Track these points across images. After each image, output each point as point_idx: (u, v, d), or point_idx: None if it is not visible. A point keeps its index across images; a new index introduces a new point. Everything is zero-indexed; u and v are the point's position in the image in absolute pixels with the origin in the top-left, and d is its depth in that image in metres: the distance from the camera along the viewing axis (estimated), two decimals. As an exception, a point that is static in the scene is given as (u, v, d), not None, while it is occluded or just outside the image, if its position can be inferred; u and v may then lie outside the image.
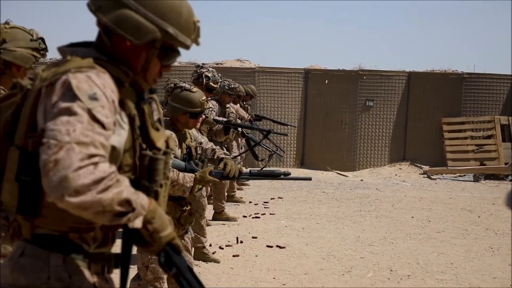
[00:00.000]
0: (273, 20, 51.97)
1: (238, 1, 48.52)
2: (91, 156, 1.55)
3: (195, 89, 4.23)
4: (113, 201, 1.56)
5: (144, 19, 1.76)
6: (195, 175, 3.80)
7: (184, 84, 4.29)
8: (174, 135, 3.98)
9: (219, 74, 7.03)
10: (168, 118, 4.12)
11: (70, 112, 1.59)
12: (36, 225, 1.76)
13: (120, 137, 1.74)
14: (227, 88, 7.91)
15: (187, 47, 1.88)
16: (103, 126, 1.61)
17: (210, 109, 6.99)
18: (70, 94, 1.62)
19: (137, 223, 1.66)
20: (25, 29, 3.23)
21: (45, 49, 3.24)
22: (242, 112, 8.77)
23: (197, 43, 1.90)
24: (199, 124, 4.42)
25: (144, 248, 1.78)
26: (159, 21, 1.78)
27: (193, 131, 4.34)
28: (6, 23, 3.18)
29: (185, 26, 1.84)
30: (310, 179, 4.25)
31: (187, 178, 3.77)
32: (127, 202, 1.59)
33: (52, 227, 1.75)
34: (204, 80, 6.58)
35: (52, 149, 1.53)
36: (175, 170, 3.74)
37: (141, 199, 1.66)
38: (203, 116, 4.73)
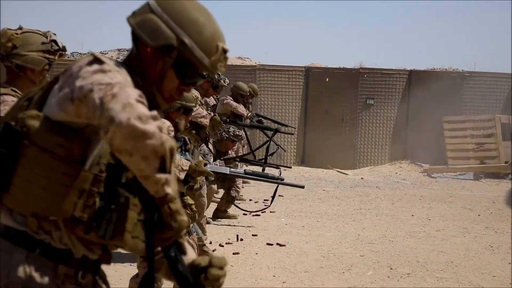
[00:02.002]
0: (274, 18, 51.99)
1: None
2: (141, 96, 1.57)
3: None
4: (167, 141, 1.53)
5: (164, 25, 1.80)
6: (191, 163, 3.83)
7: None
8: (169, 123, 3.98)
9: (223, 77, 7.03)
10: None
11: (103, 70, 1.61)
12: (2, 203, 1.74)
13: None
14: (223, 83, 7.94)
15: (204, 65, 1.85)
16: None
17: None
18: (97, 61, 1.65)
19: (169, 190, 1.59)
20: (39, 32, 3.35)
21: (58, 50, 3.31)
22: (242, 109, 8.77)
23: (219, 69, 1.89)
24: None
25: (158, 234, 1.66)
26: (178, 30, 1.80)
27: None
28: (19, 28, 3.30)
29: (204, 44, 1.83)
30: (303, 186, 4.26)
31: (183, 162, 3.81)
32: (171, 152, 1.56)
33: (15, 207, 1.73)
34: (214, 77, 6.59)
35: (103, 89, 1.54)
36: None
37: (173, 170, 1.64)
38: (211, 114, 4.75)
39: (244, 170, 4.01)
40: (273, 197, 7.30)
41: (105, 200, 1.73)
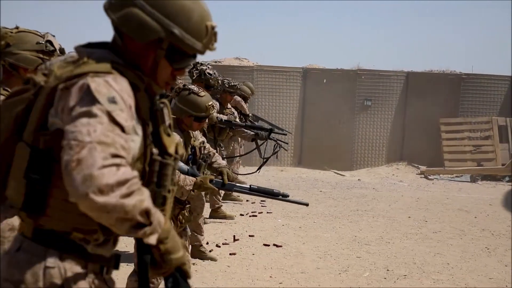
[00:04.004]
0: (272, 19, 51.97)
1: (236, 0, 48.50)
2: (114, 155, 1.54)
3: (202, 93, 4.26)
4: (135, 208, 1.54)
5: (149, 18, 1.74)
6: (196, 179, 3.83)
7: (192, 86, 4.30)
8: (178, 137, 4.01)
9: (217, 74, 7.03)
10: (173, 117, 4.14)
11: (90, 114, 1.58)
12: (39, 224, 1.74)
13: (134, 143, 1.72)
14: (227, 86, 7.93)
15: (197, 51, 1.84)
16: (122, 129, 1.60)
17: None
18: (89, 97, 1.61)
19: (152, 239, 1.64)
20: (35, 32, 3.36)
21: (54, 51, 3.31)
22: (243, 105, 8.79)
23: (211, 49, 1.86)
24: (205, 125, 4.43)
25: (153, 270, 1.76)
26: (165, 21, 1.75)
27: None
28: (16, 27, 3.31)
29: (194, 29, 1.80)
30: (307, 204, 4.26)
31: (188, 181, 3.81)
32: (146, 213, 1.58)
33: (55, 227, 1.73)
34: (206, 76, 6.59)
35: (74, 149, 1.52)
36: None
37: (158, 215, 1.65)
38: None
39: (250, 186, 4.01)
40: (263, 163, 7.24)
41: None
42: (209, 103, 4.22)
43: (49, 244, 1.74)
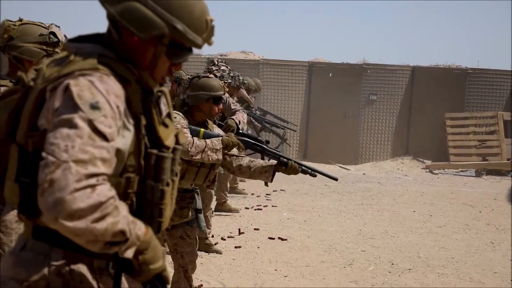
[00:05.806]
0: (278, 13, 51.90)
1: (242, -7, 48.42)
2: (89, 176, 1.51)
3: (211, 75, 4.29)
4: (106, 232, 1.52)
5: (152, 12, 1.70)
6: (222, 138, 3.83)
7: (199, 74, 4.33)
8: (186, 122, 3.97)
9: (231, 74, 6.99)
10: (186, 109, 4.14)
11: (70, 125, 1.54)
12: (38, 224, 1.73)
13: (125, 139, 1.69)
14: (246, 82, 8.01)
15: (197, 45, 1.81)
16: (105, 138, 1.56)
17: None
18: (71, 103, 1.57)
19: (129, 253, 1.63)
20: (39, 24, 3.35)
21: (58, 42, 3.32)
22: (246, 98, 8.82)
23: (209, 43, 1.83)
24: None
25: (131, 277, 1.76)
26: (168, 16, 1.72)
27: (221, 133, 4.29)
28: (19, 20, 3.32)
29: (196, 24, 1.77)
30: (336, 179, 4.27)
31: (215, 142, 3.80)
32: (121, 233, 1.56)
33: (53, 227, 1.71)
34: None
35: (49, 167, 1.50)
36: (200, 138, 3.80)
37: (137, 229, 1.63)
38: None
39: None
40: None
41: None
42: (221, 83, 4.24)
43: (53, 242, 1.72)
